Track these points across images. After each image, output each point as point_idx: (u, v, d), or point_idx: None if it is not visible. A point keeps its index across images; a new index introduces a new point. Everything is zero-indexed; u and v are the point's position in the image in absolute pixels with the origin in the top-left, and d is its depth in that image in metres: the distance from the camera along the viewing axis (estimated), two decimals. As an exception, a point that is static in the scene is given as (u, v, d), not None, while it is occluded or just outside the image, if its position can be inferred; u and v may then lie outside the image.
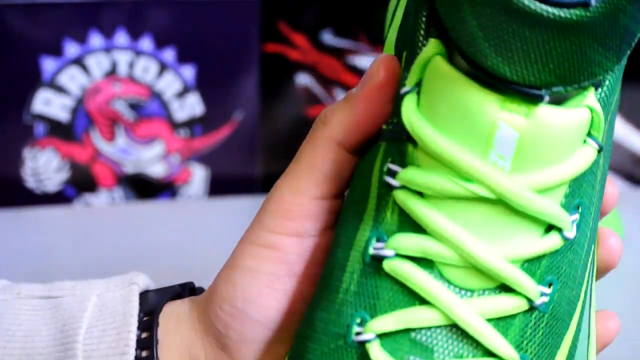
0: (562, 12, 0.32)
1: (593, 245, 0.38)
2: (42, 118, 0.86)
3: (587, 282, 0.38)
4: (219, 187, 0.93)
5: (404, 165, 0.36)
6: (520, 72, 0.33)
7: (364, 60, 0.91)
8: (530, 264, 0.35)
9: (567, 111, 0.34)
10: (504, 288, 0.35)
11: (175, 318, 0.42)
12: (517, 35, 0.32)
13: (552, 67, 0.33)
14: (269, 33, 0.89)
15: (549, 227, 0.35)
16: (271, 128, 0.92)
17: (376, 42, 0.91)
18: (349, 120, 0.39)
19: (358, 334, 0.35)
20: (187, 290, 0.45)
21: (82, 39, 0.85)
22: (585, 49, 0.32)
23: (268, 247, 0.40)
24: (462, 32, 0.33)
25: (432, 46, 0.35)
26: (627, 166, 0.97)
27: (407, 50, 0.37)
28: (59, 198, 0.89)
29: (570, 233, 0.36)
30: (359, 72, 0.91)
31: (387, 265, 0.35)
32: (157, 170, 0.90)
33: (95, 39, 0.85)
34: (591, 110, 0.35)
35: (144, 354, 0.40)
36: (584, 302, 0.38)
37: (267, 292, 0.40)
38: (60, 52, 0.85)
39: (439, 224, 0.35)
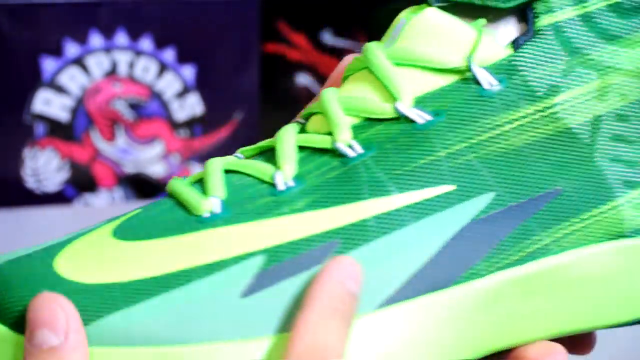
0: None
1: None
2: (42, 118, 0.86)
3: None
4: (218, 187, 0.93)
5: None
6: None
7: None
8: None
9: None
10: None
11: None
12: None
13: None
14: (269, 33, 0.89)
15: None
16: (271, 128, 0.92)
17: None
18: None
19: None
20: None
21: (82, 39, 0.85)
22: None
23: None
24: None
25: None
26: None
27: None
28: (59, 198, 0.89)
29: None
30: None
31: None
32: (157, 170, 0.90)
33: (95, 39, 0.85)
34: None
35: None
36: None
37: None
38: (60, 52, 0.85)
39: None
